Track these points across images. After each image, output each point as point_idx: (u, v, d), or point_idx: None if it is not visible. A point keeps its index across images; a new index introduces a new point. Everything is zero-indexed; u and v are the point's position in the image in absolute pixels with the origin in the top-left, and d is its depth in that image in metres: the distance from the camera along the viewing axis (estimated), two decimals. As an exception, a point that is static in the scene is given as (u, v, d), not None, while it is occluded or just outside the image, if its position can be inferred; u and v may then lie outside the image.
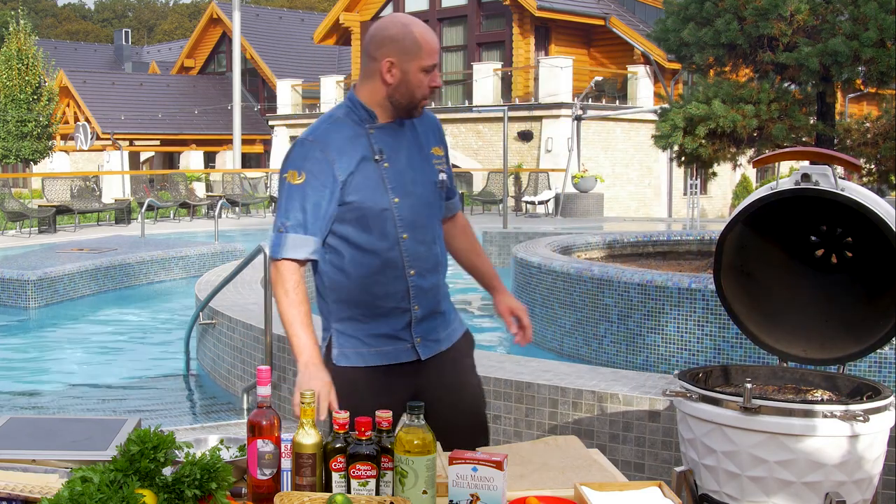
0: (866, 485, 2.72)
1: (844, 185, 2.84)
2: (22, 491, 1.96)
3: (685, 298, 6.24)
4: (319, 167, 2.50)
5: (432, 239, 2.63)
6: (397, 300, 2.58)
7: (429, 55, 2.52)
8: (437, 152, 2.68)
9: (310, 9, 57.14)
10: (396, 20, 2.55)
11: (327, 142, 2.53)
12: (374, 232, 2.54)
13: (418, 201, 2.59)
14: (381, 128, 2.57)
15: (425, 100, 2.57)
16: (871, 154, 7.72)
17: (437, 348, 2.67)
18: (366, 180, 2.52)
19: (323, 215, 2.50)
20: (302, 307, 2.48)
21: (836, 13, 7.12)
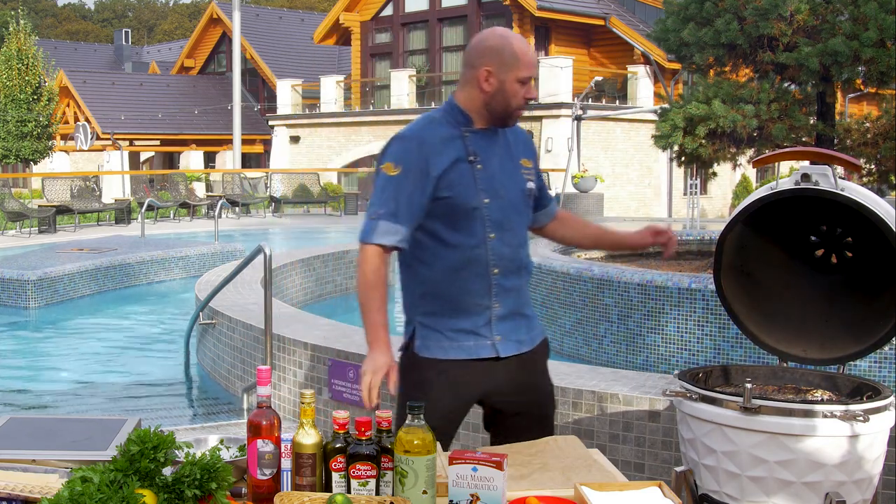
0: (866, 485, 2.72)
1: (844, 185, 2.84)
2: (22, 491, 1.96)
3: (685, 298, 6.24)
4: (415, 161, 2.62)
5: (518, 243, 2.73)
6: (479, 297, 2.68)
7: (526, 67, 2.64)
8: (526, 164, 2.79)
9: (310, 9, 57.13)
10: (497, 32, 2.68)
11: (424, 139, 2.65)
12: (462, 229, 2.65)
13: (507, 204, 2.70)
14: (475, 132, 2.69)
15: (520, 110, 2.69)
16: (871, 154, 7.72)
17: (518, 349, 2.75)
18: (459, 178, 2.64)
19: (414, 207, 2.62)
20: (378, 291, 2.62)
21: (836, 13, 7.11)
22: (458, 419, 2.78)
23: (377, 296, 2.63)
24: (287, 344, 5.58)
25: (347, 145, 29.35)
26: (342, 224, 19.99)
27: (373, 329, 2.65)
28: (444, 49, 29.23)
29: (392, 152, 2.67)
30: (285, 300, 8.38)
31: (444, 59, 29.31)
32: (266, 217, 22.06)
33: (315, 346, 5.35)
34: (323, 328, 5.84)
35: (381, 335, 2.64)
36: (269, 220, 21.25)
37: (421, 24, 29.72)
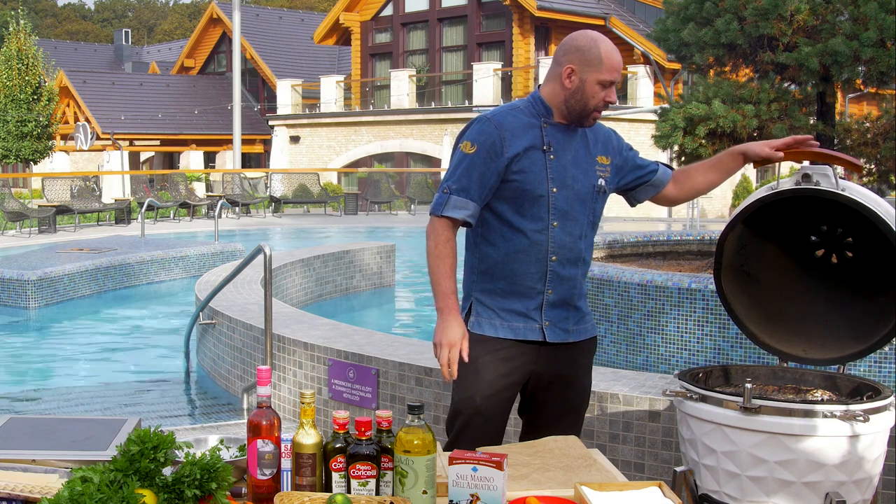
0: (866, 485, 2.72)
1: (845, 185, 2.84)
2: (22, 491, 1.96)
3: (685, 298, 6.24)
4: (491, 142, 2.74)
5: (580, 234, 2.83)
6: (534, 281, 2.79)
7: (609, 71, 2.73)
8: (603, 160, 2.88)
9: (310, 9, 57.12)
10: (588, 34, 2.81)
11: (503, 123, 2.77)
12: (527, 214, 2.76)
13: (574, 196, 2.79)
14: (554, 125, 2.81)
15: (598, 111, 2.78)
16: (871, 154, 7.71)
17: (565, 337, 2.86)
18: (531, 165, 2.75)
19: (485, 185, 2.74)
20: (448, 260, 2.76)
21: (836, 13, 7.11)
22: (505, 400, 2.86)
23: (447, 265, 2.75)
24: (287, 344, 5.58)
25: (347, 145, 29.35)
26: (342, 224, 19.99)
27: (443, 297, 2.75)
28: (444, 49, 29.23)
29: (471, 132, 2.79)
30: (285, 300, 8.38)
31: (444, 59, 29.30)
32: (266, 217, 22.05)
33: (315, 346, 5.35)
34: (323, 328, 5.84)
35: (451, 303, 2.74)
36: (269, 220, 21.25)
37: (421, 24, 29.72)
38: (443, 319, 2.75)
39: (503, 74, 26.76)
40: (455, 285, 2.78)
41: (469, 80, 27.25)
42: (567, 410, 2.91)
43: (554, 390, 2.88)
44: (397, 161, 28.30)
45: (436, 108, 27.46)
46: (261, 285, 6.71)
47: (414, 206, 23.81)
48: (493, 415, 2.83)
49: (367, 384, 4.93)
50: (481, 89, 26.27)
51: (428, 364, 4.73)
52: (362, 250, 11.05)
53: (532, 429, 2.92)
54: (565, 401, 2.90)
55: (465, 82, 27.93)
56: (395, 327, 9.33)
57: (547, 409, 2.90)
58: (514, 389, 2.87)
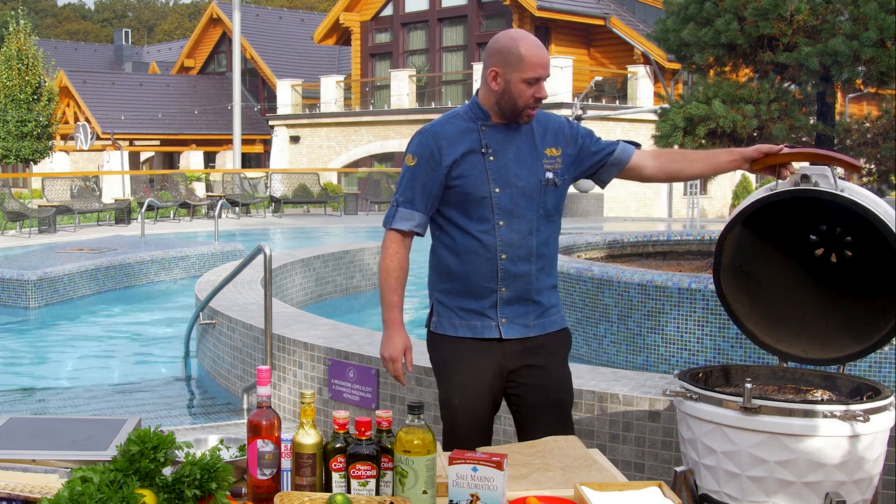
0: (866, 485, 2.72)
1: (844, 186, 2.83)
2: (22, 491, 1.96)
3: (685, 298, 6.24)
4: (429, 153, 2.84)
5: (528, 230, 2.86)
6: (486, 280, 2.85)
7: (531, 68, 2.75)
8: (552, 152, 2.89)
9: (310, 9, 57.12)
10: (508, 34, 2.82)
11: (439, 132, 2.86)
12: (473, 216, 2.83)
13: (518, 193, 2.83)
14: (493, 126, 2.85)
15: (530, 108, 2.81)
16: (871, 154, 7.71)
17: (525, 332, 2.89)
18: (470, 169, 2.82)
19: (428, 195, 2.85)
20: (394, 273, 2.89)
21: (836, 13, 7.10)
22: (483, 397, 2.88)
23: (393, 278, 2.88)
24: (287, 344, 5.58)
25: (347, 145, 29.35)
26: (342, 224, 19.99)
27: (387, 309, 2.92)
28: (444, 49, 29.23)
29: (412, 145, 2.91)
30: (285, 300, 8.38)
31: (444, 59, 29.31)
32: (266, 217, 22.05)
33: (315, 346, 5.35)
34: (323, 328, 5.84)
35: (394, 316, 2.91)
36: (269, 220, 21.25)
37: (421, 24, 29.72)
38: (386, 332, 2.91)
39: (503, 74, 26.74)
40: (401, 298, 2.91)
41: (469, 80, 27.25)
42: (549, 403, 2.90)
43: (529, 383, 2.89)
44: (397, 161, 28.29)
45: (436, 108, 27.45)
46: (261, 285, 6.71)
47: (414, 206, 23.75)
48: (473, 413, 2.87)
49: (367, 384, 4.93)
50: (481, 89, 26.24)
51: (428, 364, 4.72)
52: (362, 250, 11.05)
53: (520, 424, 2.94)
54: (544, 392, 2.90)
55: (465, 82, 27.94)
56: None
57: (527, 402, 2.91)
58: (492, 386, 2.89)
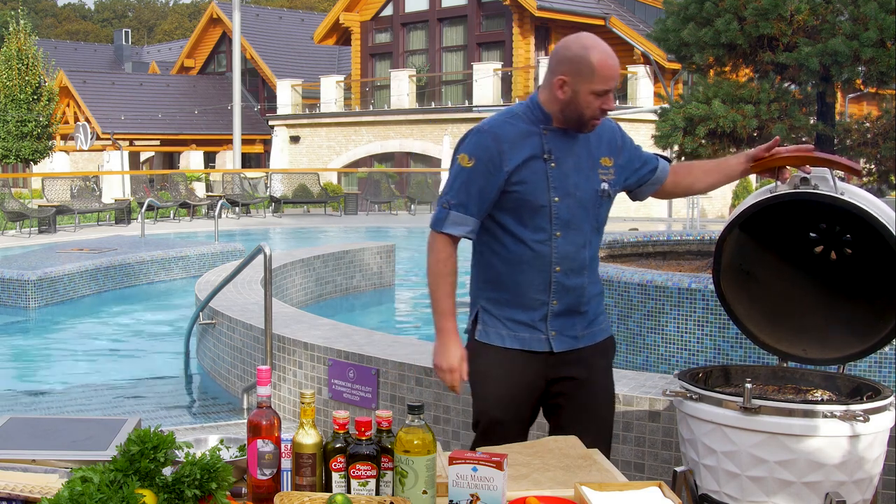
0: (866, 485, 2.72)
1: (844, 189, 2.83)
2: (22, 491, 1.96)
3: (685, 298, 6.24)
4: (489, 156, 2.67)
5: (583, 243, 2.77)
6: (538, 292, 2.75)
7: (602, 81, 2.63)
8: (606, 162, 2.80)
9: (310, 9, 57.12)
10: (580, 41, 2.66)
11: (500, 134, 2.70)
12: (529, 225, 2.71)
13: (577, 204, 2.73)
14: (554, 131, 2.73)
15: (595, 120, 2.70)
16: (871, 154, 7.70)
17: (574, 344, 2.81)
18: (531, 175, 2.68)
19: (485, 199, 2.69)
20: (448, 279, 2.73)
21: (836, 13, 7.10)
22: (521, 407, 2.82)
23: (447, 283, 2.73)
24: (287, 344, 5.58)
25: (347, 145, 29.35)
26: (342, 224, 19.99)
27: (441, 317, 2.74)
28: (444, 49, 29.23)
29: (469, 144, 2.73)
30: (285, 300, 8.38)
31: (444, 59, 29.30)
32: (266, 217, 22.05)
33: (315, 346, 5.35)
34: (323, 328, 5.84)
35: (449, 325, 2.74)
36: (269, 220, 21.25)
37: (421, 24, 29.72)
38: (441, 342, 2.74)
39: (503, 74, 26.76)
40: (453, 305, 2.76)
41: (469, 80, 27.25)
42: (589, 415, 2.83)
43: (571, 394, 2.83)
44: (397, 161, 28.31)
45: (436, 108, 27.46)
46: (261, 285, 6.71)
47: (414, 206, 23.81)
48: (510, 422, 2.79)
49: (367, 384, 4.93)
50: (481, 89, 26.27)
51: (428, 364, 4.73)
52: (362, 250, 11.05)
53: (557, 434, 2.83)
54: (584, 404, 2.83)
55: (465, 82, 27.93)
56: (395, 327, 9.33)
57: (566, 413, 2.84)
58: (531, 395, 2.82)
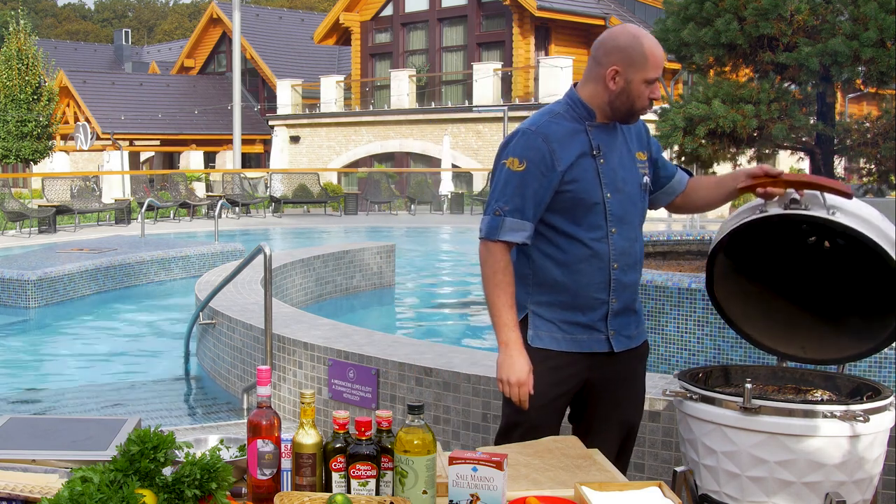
0: (866, 485, 2.72)
1: (835, 207, 2.78)
2: (22, 491, 1.96)
3: (685, 298, 6.24)
4: (540, 156, 2.60)
5: (635, 236, 2.74)
6: (598, 291, 2.69)
7: (654, 68, 2.61)
8: (641, 156, 2.78)
9: (310, 9, 57.13)
10: (627, 30, 2.63)
11: (549, 133, 2.63)
12: (583, 223, 2.65)
13: (627, 199, 2.71)
14: (598, 126, 2.69)
15: (644, 110, 2.68)
16: (871, 154, 7.71)
17: (629, 344, 2.79)
18: (583, 173, 2.63)
19: (540, 202, 2.62)
20: (510, 289, 2.63)
21: (836, 13, 7.11)
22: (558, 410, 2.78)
23: (507, 294, 2.63)
24: (287, 344, 5.58)
25: (347, 145, 29.36)
26: (342, 224, 20.00)
27: (505, 329, 2.63)
28: (444, 49, 29.23)
29: (516, 147, 2.64)
30: (285, 300, 8.38)
31: (444, 59, 29.30)
32: (266, 217, 22.06)
33: (315, 346, 5.35)
34: (323, 328, 5.84)
35: (514, 336, 2.63)
36: (269, 220, 21.25)
37: (421, 24, 29.73)
38: (507, 355, 2.62)
39: (503, 74, 26.76)
40: (515, 317, 2.65)
41: (469, 80, 27.25)
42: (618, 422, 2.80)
43: (605, 399, 2.79)
44: (397, 161, 28.32)
45: (436, 108, 27.46)
46: (261, 285, 6.71)
47: (414, 206, 23.81)
48: (545, 425, 2.73)
49: (367, 384, 4.93)
50: (481, 89, 26.27)
51: (428, 364, 4.73)
52: (362, 250, 11.05)
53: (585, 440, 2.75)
54: (616, 411, 2.80)
55: (465, 82, 27.93)
56: (394, 327, 9.33)
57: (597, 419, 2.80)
58: (567, 398, 2.78)
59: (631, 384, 2.85)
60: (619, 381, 2.80)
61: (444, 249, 17.23)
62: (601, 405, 2.80)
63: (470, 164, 25.75)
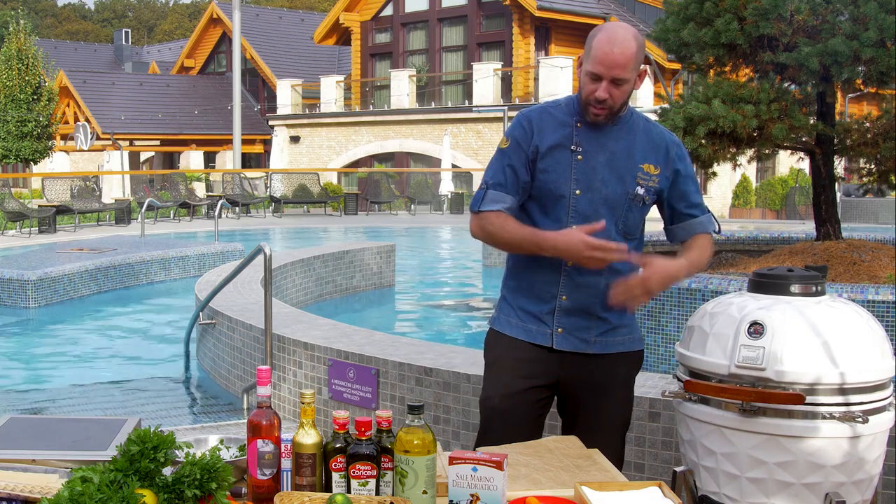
0: (866, 485, 2.72)
1: None
2: (22, 491, 1.96)
3: (685, 298, 6.24)
4: (523, 136, 2.70)
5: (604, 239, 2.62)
6: (548, 285, 2.72)
7: (594, 62, 2.58)
8: (649, 169, 2.72)
9: (310, 9, 57.12)
10: (604, 24, 2.67)
11: (534, 118, 2.73)
12: (550, 215, 2.70)
13: (601, 200, 2.68)
14: (590, 125, 2.68)
15: (592, 107, 2.62)
16: (871, 154, 7.70)
17: (582, 348, 2.75)
18: (555, 165, 2.68)
19: (518, 177, 2.69)
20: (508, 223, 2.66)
21: (836, 13, 7.10)
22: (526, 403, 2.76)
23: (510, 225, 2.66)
24: (287, 344, 5.58)
25: (347, 145, 29.35)
26: (342, 224, 19.99)
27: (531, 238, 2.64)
28: (444, 49, 29.23)
29: (509, 128, 2.77)
30: (285, 300, 8.38)
31: (444, 59, 29.30)
32: (266, 217, 22.06)
33: (315, 346, 5.35)
34: (323, 328, 5.84)
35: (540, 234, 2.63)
36: (269, 220, 21.25)
37: (421, 24, 29.73)
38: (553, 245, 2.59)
39: (503, 74, 26.75)
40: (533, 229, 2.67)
41: (469, 80, 27.25)
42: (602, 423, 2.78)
43: (585, 400, 2.78)
44: (397, 161, 28.32)
45: (436, 108, 27.46)
46: (261, 285, 6.71)
47: (414, 206, 23.82)
48: (513, 416, 2.74)
49: (367, 384, 4.93)
50: (481, 89, 26.27)
51: (428, 364, 4.73)
52: (362, 250, 11.05)
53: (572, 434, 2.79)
54: (598, 412, 2.79)
55: (465, 82, 27.93)
56: (394, 327, 9.33)
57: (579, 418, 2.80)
58: (538, 392, 2.77)
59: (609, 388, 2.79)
60: (594, 383, 2.77)
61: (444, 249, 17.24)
62: (582, 407, 2.80)
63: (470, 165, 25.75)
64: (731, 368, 2.67)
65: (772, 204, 25.26)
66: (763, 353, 2.62)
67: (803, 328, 2.63)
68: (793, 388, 2.60)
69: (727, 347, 2.69)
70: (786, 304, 2.69)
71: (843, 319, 2.67)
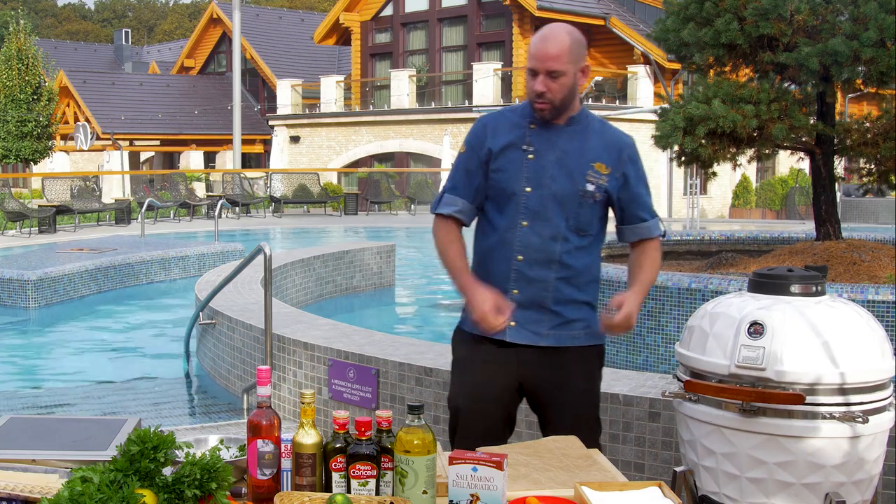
0: (866, 485, 2.72)
1: None
2: (22, 491, 1.96)
3: (685, 298, 6.24)
4: (477, 141, 2.84)
5: (552, 236, 2.77)
6: (500, 280, 2.80)
7: (531, 58, 2.72)
8: (599, 168, 2.78)
9: (310, 9, 57.11)
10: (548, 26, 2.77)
11: (488, 122, 2.86)
12: (504, 212, 2.80)
13: (551, 197, 2.76)
14: (543, 125, 2.79)
15: (535, 102, 2.74)
16: (871, 154, 7.70)
17: (534, 340, 2.81)
18: (507, 164, 2.78)
19: (471, 180, 2.83)
20: (454, 245, 2.83)
21: (836, 13, 7.10)
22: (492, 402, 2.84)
23: (453, 248, 2.83)
24: (287, 344, 5.58)
25: (347, 145, 29.35)
26: (342, 224, 20.00)
27: (458, 274, 2.81)
28: (444, 49, 29.23)
29: (467, 134, 2.90)
30: (285, 300, 8.38)
31: (444, 59, 29.30)
32: (266, 217, 22.06)
33: (315, 346, 5.35)
34: (323, 328, 5.84)
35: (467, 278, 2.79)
36: (269, 220, 21.25)
37: (421, 24, 29.72)
38: (467, 296, 2.79)
39: (503, 74, 26.75)
40: (466, 263, 2.85)
41: (469, 80, 27.25)
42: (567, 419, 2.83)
43: (547, 396, 2.85)
44: (397, 161, 28.31)
45: (436, 108, 27.46)
46: (261, 285, 6.71)
47: (414, 206, 23.81)
48: (478, 416, 2.82)
49: (367, 384, 4.94)
50: (481, 89, 26.26)
51: (428, 364, 4.73)
52: (362, 250, 11.05)
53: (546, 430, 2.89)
54: (562, 408, 2.84)
55: (465, 82, 27.93)
56: (395, 327, 9.33)
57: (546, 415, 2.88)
58: (505, 392, 2.85)
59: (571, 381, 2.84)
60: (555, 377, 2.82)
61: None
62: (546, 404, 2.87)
63: (470, 164, 25.72)
64: (731, 368, 2.68)
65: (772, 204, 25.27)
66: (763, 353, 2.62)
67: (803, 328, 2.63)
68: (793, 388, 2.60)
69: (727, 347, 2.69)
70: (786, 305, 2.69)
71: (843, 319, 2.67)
